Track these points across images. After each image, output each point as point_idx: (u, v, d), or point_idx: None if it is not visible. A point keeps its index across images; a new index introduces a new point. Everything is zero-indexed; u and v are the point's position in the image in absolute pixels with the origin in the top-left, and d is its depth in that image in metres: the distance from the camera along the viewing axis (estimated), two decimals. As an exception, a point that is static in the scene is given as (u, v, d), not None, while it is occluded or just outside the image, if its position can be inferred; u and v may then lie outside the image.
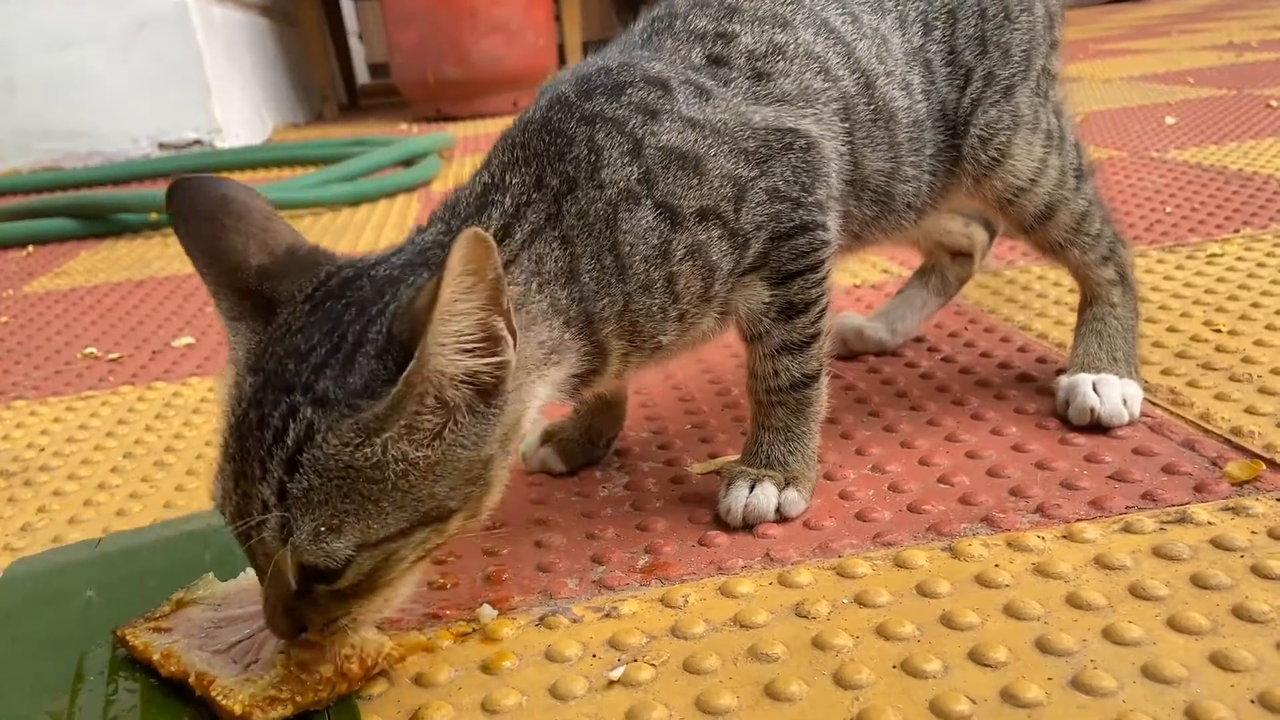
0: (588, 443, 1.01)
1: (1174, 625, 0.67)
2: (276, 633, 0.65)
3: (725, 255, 0.81)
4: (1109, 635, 0.66)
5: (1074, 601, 0.71)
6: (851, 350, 1.24)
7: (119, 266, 2.25)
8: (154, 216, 2.57)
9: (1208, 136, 2.39)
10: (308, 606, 0.64)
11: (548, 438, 1.00)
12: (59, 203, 2.67)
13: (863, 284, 1.57)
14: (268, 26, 5.18)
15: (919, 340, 1.28)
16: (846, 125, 0.88)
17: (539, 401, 0.73)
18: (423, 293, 0.60)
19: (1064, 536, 0.80)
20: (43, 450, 1.22)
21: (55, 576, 0.88)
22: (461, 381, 0.62)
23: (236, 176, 3.37)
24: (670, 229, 0.77)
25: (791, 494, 0.86)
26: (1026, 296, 1.41)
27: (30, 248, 2.53)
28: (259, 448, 0.61)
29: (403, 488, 0.62)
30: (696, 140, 0.79)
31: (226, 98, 4.15)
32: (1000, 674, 0.64)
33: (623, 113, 0.78)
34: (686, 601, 0.76)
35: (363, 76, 7.23)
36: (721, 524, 0.87)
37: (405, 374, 0.59)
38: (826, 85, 0.87)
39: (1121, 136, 2.52)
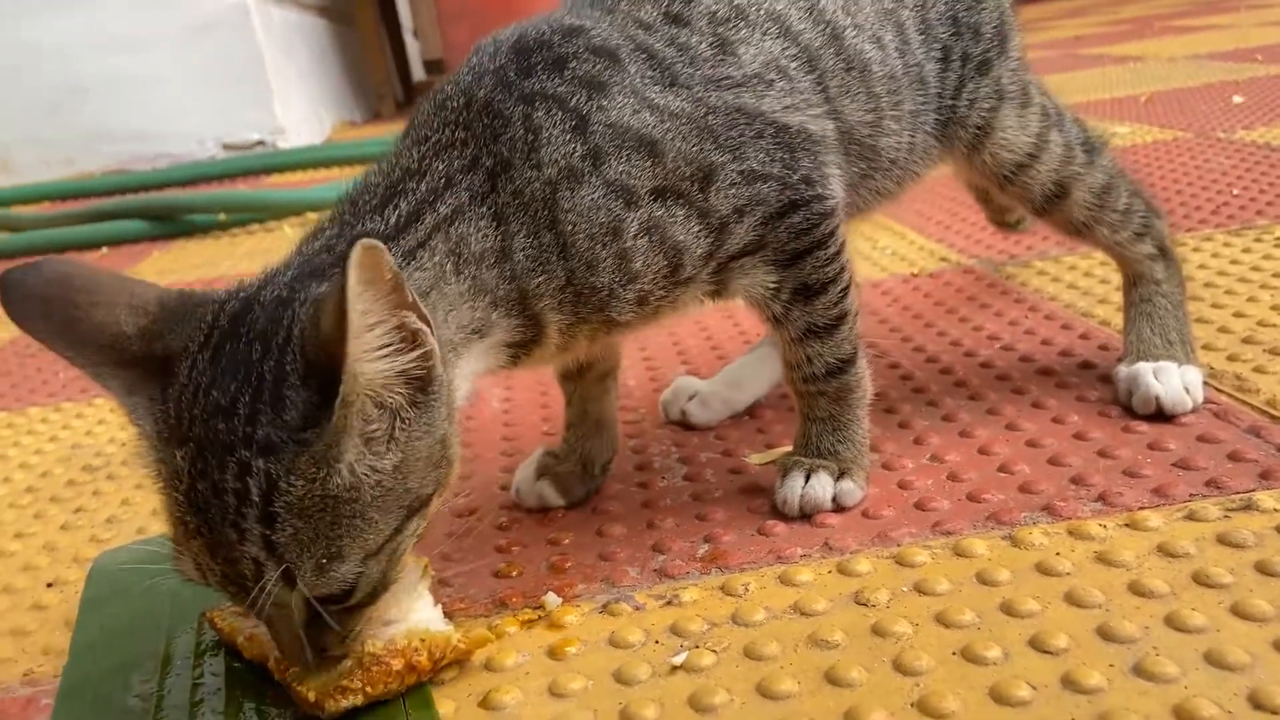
0: (583, 472, 0.96)
1: (1238, 612, 0.66)
2: (300, 666, 0.66)
3: (696, 236, 0.78)
4: (1171, 622, 0.66)
5: (1136, 589, 0.71)
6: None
7: (189, 266, 2.32)
8: (222, 217, 2.64)
9: (1277, 115, 2.32)
10: (322, 631, 0.64)
11: (543, 471, 0.95)
12: (131, 205, 2.76)
13: (920, 272, 1.57)
14: (324, 26, 5.27)
15: (978, 329, 1.28)
16: (814, 76, 0.86)
17: (469, 374, 0.73)
18: (325, 313, 0.58)
19: (1126, 524, 0.79)
20: (123, 445, 1.27)
21: (141, 567, 0.92)
22: (395, 382, 0.61)
23: (297, 176, 3.45)
24: (623, 207, 0.75)
25: (847, 484, 0.87)
26: (1088, 283, 1.39)
27: (105, 249, 2.61)
28: (224, 516, 0.59)
29: (381, 494, 0.62)
30: (654, 121, 0.76)
31: (287, 98, 4.24)
32: (1061, 661, 0.65)
33: (564, 89, 0.75)
34: (746, 589, 0.78)
35: (418, 73, 7.32)
36: (780, 514, 0.88)
37: (340, 398, 0.58)
38: (786, 45, 0.85)
39: (1187, 116, 2.47)
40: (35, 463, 1.24)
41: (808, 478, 0.87)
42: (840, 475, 0.87)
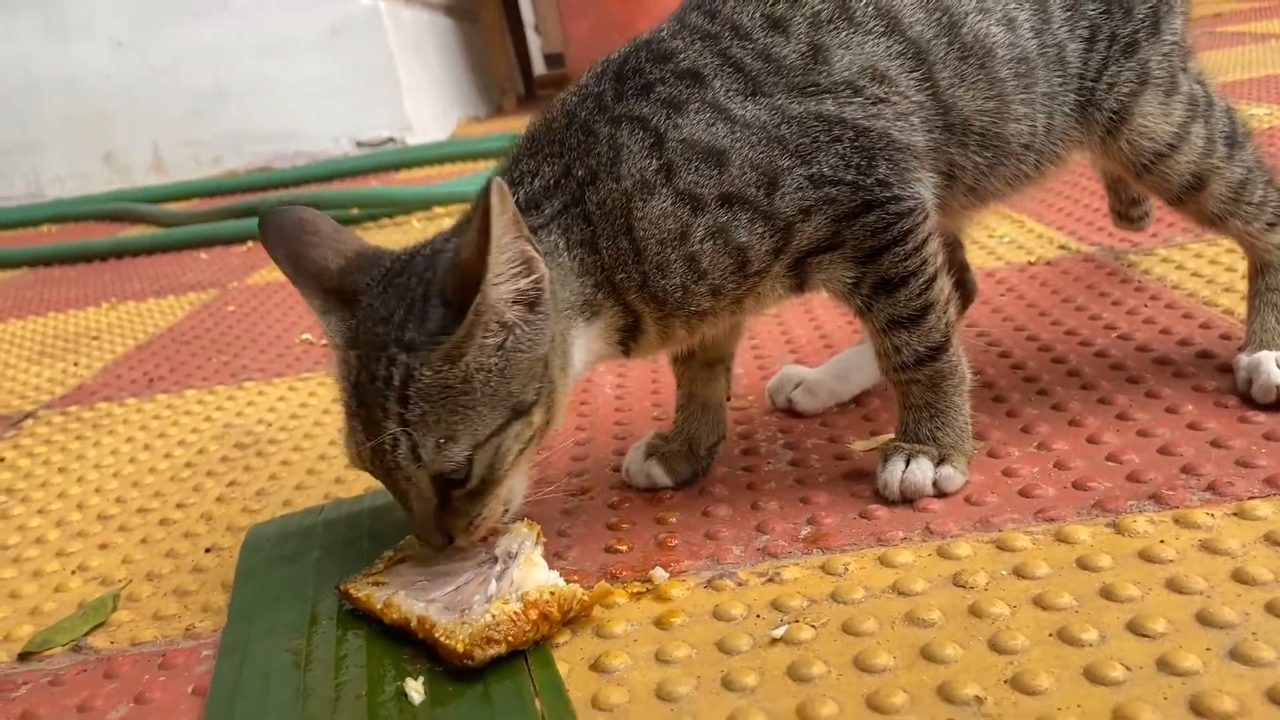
0: (689, 452, 1.00)
1: (1345, 603, 0.66)
2: (431, 545, 0.81)
3: (760, 236, 0.84)
4: (1273, 609, 0.67)
5: (1239, 577, 0.71)
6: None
7: (325, 259, 2.44)
8: (354, 212, 2.78)
9: None
10: (449, 515, 0.79)
11: (652, 451, 1.00)
12: (272, 202, 2.92)
13: (1038, 260, 1.55)
14: (450, 25, 5.44)
15: (1094, 318, 1.26)
16: (919, 73, 0.87)
17: (586, 341, 0.85)
18: (463, 247, 0.75)
19: (1234, 514, 0.79)
20: (270, 425, 1.37)
21: (287, 539, 1.00)
22: (513, 301, 0.76)
23: (424, 172, 3.58)
24: (690, 214, 0.83)
25: (947, 470, 0.89)
26: (1213, 270, 1.36)
27: (250, 244, 2.78)
28: (376, 398, 0.76)
29: (488, 391, 0.76)
30: (724, 133, 0.83)
31: (415, 95, 4.40)
32: (1158, 644, 0.66)
33: (648, 110, 0.84)
34: (846, 569, 0.81)
35: (539, 67, 7.46)
36: (882, 498, 0.90)
37: (474, 305, 0.74)
38: (891, 43, 0.86)
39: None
40: (193, 440, 1.35)
41: (908, 463, 0.89)
42: (941, 461, 0.89)
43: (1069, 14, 0.94)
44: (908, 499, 0.89)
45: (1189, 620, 0.67)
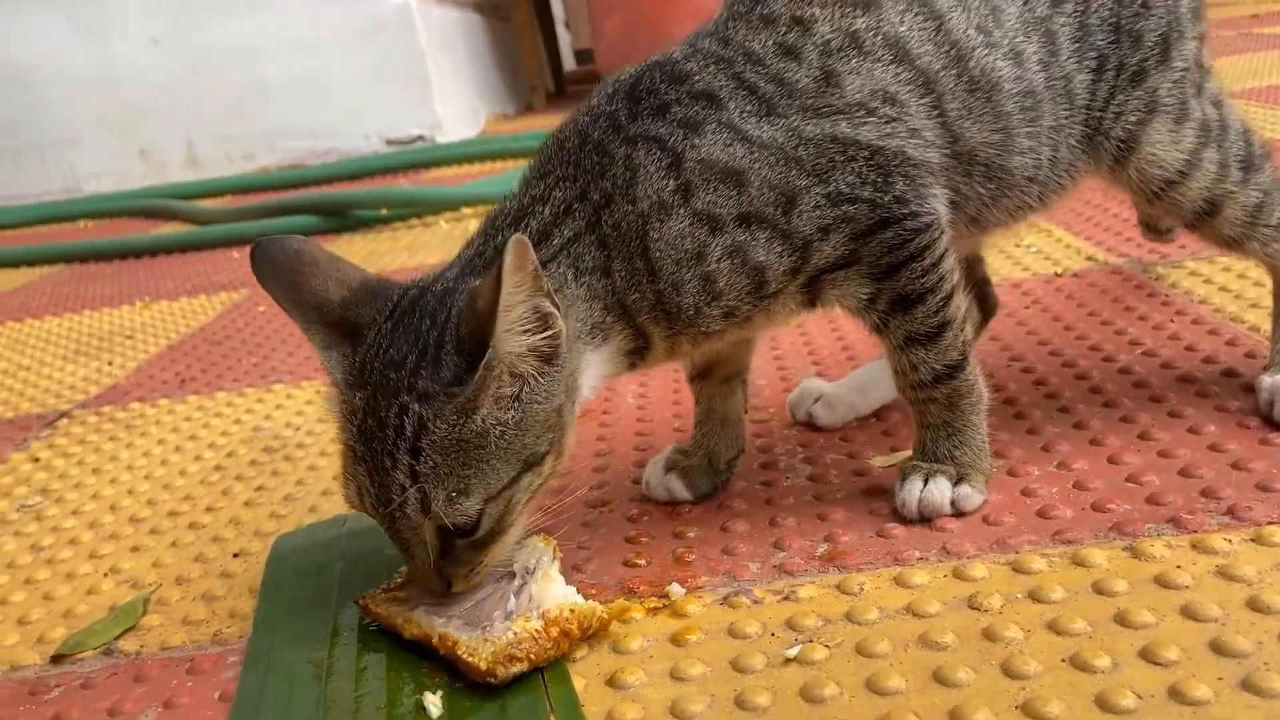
0: (708, 466, 1.01)
1: (1360, 635, 0.66)
2: (431, 592, 0.80)
3: (779, 256, 0.84)
4: (1286, 641, 0.67)
5: (1254, 605, 0.71)
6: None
7: (354, 259, 2.45)
8: (384, 212, 2.81)
9: None
10: (451, 563, 0.78)
11: (671, 465, 1.01)
12: (303, 201, 2.96)
13: (1064, 272, 1.54)
14: (480, 22, 5.46)
15: (1119, 333, 1.26)
16: (930, 99, 0.87)
17: (594, 368, 0.84)
18: (480, 295, 0.73)
19: (1252, 539, 0.79)
20: (298, 429, 1.39)
21: (311, 550, 1.02)
22: (527, 355, 0.75)
23: (453, 171, 3.61)
24: (708, 234, 0.83)
25: (965, 489, 0.89)
26: (1241, 285, 1.35)
27: (279, 242, 2.81)
28: (384, 446, 0.74)
29: (503, 444, 0.75)
30: (743, 154, 0.83)
31: (445, 94, 4.43)
32: (1170, 672, 0.66)
33: (665, 130, 0.84)
34: (862, 589, 0.81)
35: (569, 64, 7.48)
36: (900, 517, 0.91)
37: (484, 361, 0.72)
38: (900, 70, 0.87)
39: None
40: (222, 443, 1.38)
41: (926, 482, 0.89)
42: (958, 480, 0.89)
43: (1077, 45, 0.93)
44: (925, 518, 0.89)
45: (1202, 648, 0.68)
